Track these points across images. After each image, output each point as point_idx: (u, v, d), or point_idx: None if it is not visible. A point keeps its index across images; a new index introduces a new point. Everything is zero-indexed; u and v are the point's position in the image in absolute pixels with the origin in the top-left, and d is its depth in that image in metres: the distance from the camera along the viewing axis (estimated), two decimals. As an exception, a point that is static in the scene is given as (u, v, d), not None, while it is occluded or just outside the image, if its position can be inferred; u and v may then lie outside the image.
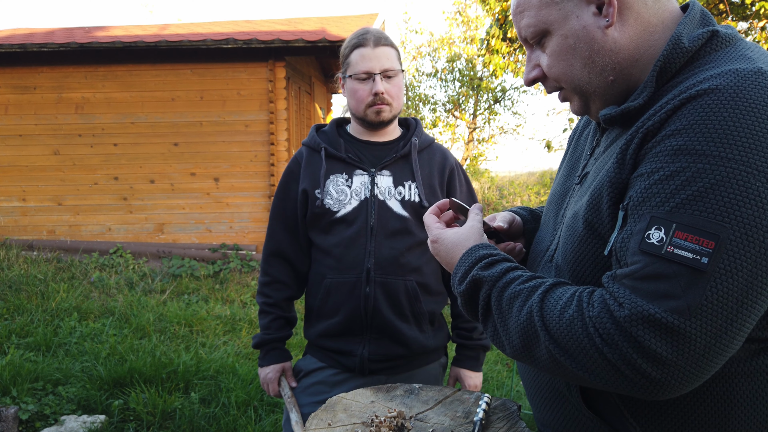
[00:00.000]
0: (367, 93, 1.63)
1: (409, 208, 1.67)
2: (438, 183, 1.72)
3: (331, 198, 1.66)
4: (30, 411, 3.05)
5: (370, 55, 1.63)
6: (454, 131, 15.13)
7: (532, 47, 0.94)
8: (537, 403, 1.03)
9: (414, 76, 15.23)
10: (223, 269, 6.82)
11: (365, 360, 1.64)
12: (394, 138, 1.76)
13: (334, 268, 1.65)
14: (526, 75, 0.96)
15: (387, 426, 1.06)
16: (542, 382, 1.00)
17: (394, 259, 1.63)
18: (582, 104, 0.95)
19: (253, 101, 7.22)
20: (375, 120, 1.66)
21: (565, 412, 0.96)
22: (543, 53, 0.93)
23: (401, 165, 1.70)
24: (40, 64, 7.21)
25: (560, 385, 0.95)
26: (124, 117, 7.28)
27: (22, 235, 7.38)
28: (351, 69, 1.66)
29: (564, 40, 0.89)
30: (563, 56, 0.90)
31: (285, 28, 7.87)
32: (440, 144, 1.82)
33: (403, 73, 1.73)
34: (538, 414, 1.03)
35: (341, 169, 1.69)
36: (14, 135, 7.32)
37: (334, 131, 1.76)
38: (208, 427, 3.01)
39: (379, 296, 1.62)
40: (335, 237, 1.66)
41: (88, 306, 5.08)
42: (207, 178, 7.31)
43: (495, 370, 4.43)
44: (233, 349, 4.21)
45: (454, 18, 14.80)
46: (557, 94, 0.98)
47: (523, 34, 0.93)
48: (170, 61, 7.18)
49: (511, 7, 0.95)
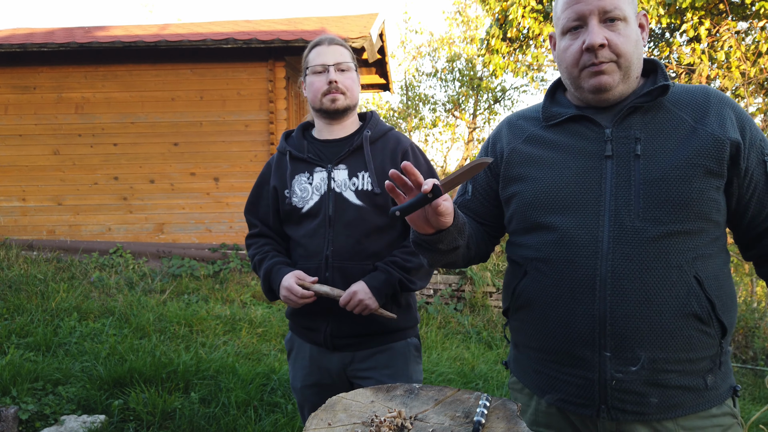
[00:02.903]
0: (323, 83, 1.80)
1: (363, 196, 1.78)
2: (391, 167, 1.79)
3: (296, 196, 1.83)
4: (30, 411, 3.05)
5: (325, 51, 1.83)
6: (454, 131, 15.13)
7: (600, 22, 1.19)
8: (654, 343, 1.16)
9: (414, 76, 15.23)
10: (223, 269, 6.82)
11: (328, 336, 1.79)
12: (352, 132, 1.88)
13: (303, 256, 1.83)
14: (596, 40, 1.17)
15: (387, 426, 1.06)
16: (665, 320, 1.15)
17: (351, 246, 1.77)
18: (618, 79, 1.21)
19: (253, 101, 7.22)
20: (330, 108, 1.80)
21: (691, 335, 1.16)
22: (609, 31, 1.19)
23: (355, 157, 1.82)
24: (40, 64, 7.21)
25: (695, 310, 1.15)
26: (124, 117, 7.28)
27: (22, 235, 7.38)
28: (309, 65, 1.85)
29: (633, 31, 1.21)
30: (630, 41, 1.20)
31: (285, 27, 7.86)
32: (398, 132, 1.93)
33: (357, 74, 1.88)
34: (656, 354, 1.16)
35: (303, 168, 1.85)
36: (14, 135, 7.32)
37: (300, 135, 1.92)
38: (208, 427, 3.01)
39: (337, 280, 1.76)
40: (303, 229, 1.83)
41: (88, 306, 5.08)
42: (207, 178, 7.31)
43: (495, 370, 4.44)
44: (233, 349, 4.21)
45: (454, 18, 14.80)
46: (600, 64, 1.19)
47: (608, 9, 1.18)
48: (170, 61, 7.18)
49: None
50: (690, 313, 1.15)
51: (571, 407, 1.24)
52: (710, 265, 1.19)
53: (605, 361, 1.17)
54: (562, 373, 1.24)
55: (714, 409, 1.20)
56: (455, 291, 6.59)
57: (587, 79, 1.22)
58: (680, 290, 1.15)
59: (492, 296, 6.69)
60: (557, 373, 1.25)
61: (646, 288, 1.15)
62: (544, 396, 1.29)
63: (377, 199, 1.78)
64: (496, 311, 6.49)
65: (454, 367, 4.27)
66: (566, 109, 1.30)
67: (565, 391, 1.24)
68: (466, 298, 6.53)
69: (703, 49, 6.89)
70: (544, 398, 1.29)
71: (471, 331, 5.79)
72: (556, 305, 1.23)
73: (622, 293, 1.16)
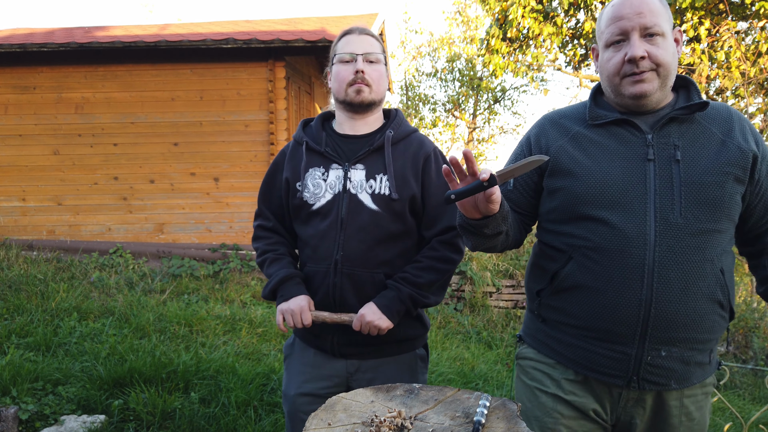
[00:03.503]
0: (349, 72, 1.70)
1: (380, 201, 1.69)
2: (412, 173, 1.72)
3: (308, 191, 1.73)
4: (30, 411, 3.05)
5: (354, 39, 1.73)
6: (454, 131, 15.13)
7: (641, 37, 1.35)
8: (689, 325, 1.33)
9: (414, 76, 15.23)
10: (223, 269, 6.82)
11: (335, 344, 1.73)
12: (374, 129, 1.79)
13: (311, 257, 1.74)
14: (637, 52, 1.34)
15: (387, 426, 1.06)
16: (694, 304, 1.33)
17: (362, 252, 1.67)
18: (656, 86, 1.37)
19: (253, 101, 7.22)
20: (355, 100, 1.71)
21: (712, 317, 1.35)
22: (649, 45, 1.35)
23: (375, 158, 1.72)
24: (40, 64, 7.21)
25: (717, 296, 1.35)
26: (124, 117, 7.28)
27: (22, 235, 7.38)
28: (337, 52, 1.75)
29: (670, 45, 1.38)
30: (668, 53, 1.36)
31: (285, 28, 7.86)
32: (420, 134, 1.82)
33: (387, 68, 1.79)
34: (688, 335, 1.34)
35: (319, 162, 1.74)
36: (14, 135, 7.32)
37: (319, 126, 1.82)
38: (208, 427, 3.01)
39: (346, 286, 1.68)
40: (312, 228, 1.73)
41: (88, 306, 5.08)
42: (207, 178, 7.31)
43: (495, 370, 4.44)
44: (233, 349, 4.20)
45: (454, 18, 14.81)
46: (641, 73, 1.35)
47: (649, 25, 1.34)
48: (170, 61, 7.18)
49: (638, 3, 1.35)
50: (715, 300, 1.35)
51: (603, 377, 1.40)
52: (729, 259, 1.39)
53: (645, 340, 1.34)
54: (601, 348, 1.39)
55: (708, 379, 1.44)
56: (455, 291, 6.59)
57: (628, 86, 1.38)
58: (711, 280, 1.34)
59: (492, 296, 6.69)
60: (597, 347, 1.40)
61: (686, 277, 1.32)
62: (576, 367, 1.45)
63: (394, 205, 1.68)
64: (496, 311, 6.49)
65: (454, 367, 4.27)
66: (611, 112, 1.45)
67: (601, 363, 1.40)
68: (466, 298, 6.53)
69: (703, 49, 6.89)
70: (574, 368, 1.45)
71: (471, 331, 5.79)
72: (606, 289, 1.36)
73: (666, 281, 1.32)
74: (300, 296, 1.69)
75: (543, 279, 1.51)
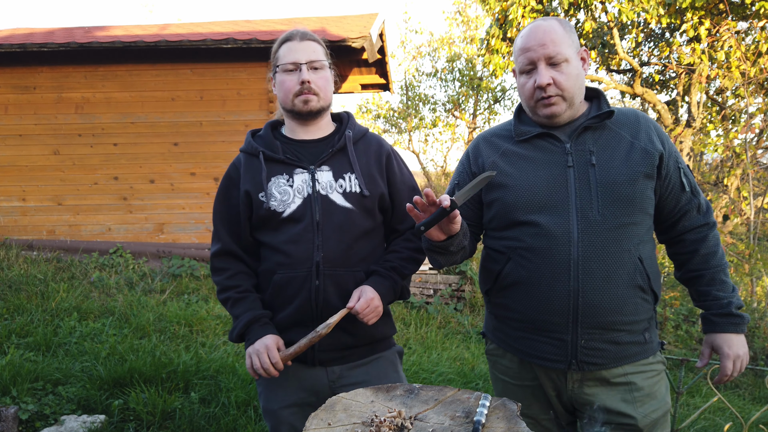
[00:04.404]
0: (294, 83, 1.69)
1: (352, 199, 1.70)
2: (377, 171, 1.75)
3: (275, 200, 1.69)
4: (30, 411, 3.05)
5: (296, 47, 1.70)
6: (454, 131, 15.13)
7: (547, 66, 1.52)
8: (613, 310, 1.49)
9: (414, 76, 15.23)
10: (223, 269, 6.81)
11: (315, 350, 1.68)
12: (327, 134, 1.79)
13: (283, 264, 1.68)
14: (543, 81, 1.51)
15: (387, 426, 1.06)
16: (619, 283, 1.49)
17: (342, 251, 1.67)
18: (564, 108, 1.55)
19: (253, 101, 7.22)
20: (303, 109, 1.71)
21: (635, 298, 1.51)
22: (555, 71, 1.51)
23: (339, 158, 1.74)
24: (40, 64, 7.20)
25: (639, 281, 1.51)
26: (124, 117, 7.28)
27: (22, 235, 7.38)
28: (279, 62, 1.72)
29: (575, 68, 1.54)
30: (571, 78, 1.53)
31: (285, 28, 7.85)
32: (374, 133, 1.86)
33: (332, 71, 1.77)
34: (613, 318, 1.50)
35: (281, 170, 1.72)
36: (14, 135, 7.32)
37: (269, 134, 1.80)
38: (208, 427, 3.01)
39: (329, 288, 1.66)
40: (284, 234, 1.69)
41: (88, 306, 5.08)
42: (207, 178, 7.31)
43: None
44: (233, 349, 4.20)
45: (454, 18, 14.80)
46: (548, 97, 1.53)
47: (552, 55, 1.51)
48: (170, 61, 7.17)
49: (541, 35, 1.51)
50: (636, 285, 1.51)
51: (547, 363, 1.57)
52: (647, 248, 1.56)
53: (577, 327, 1.51)
54: (542, 336, 1.57)
55: (651, 358, 1.59)
56: (455, 291, 6.59)
57: (541, 109, 1.56)
58: (630, 268, 1.50)
59: (492, 296, 6.68)
60: (538, 336, 1.57)
61: (607, 267, 1.49)
62: (523, 356, 1.62)
63: (366, 202, 1.70)
64: (496, 311, 6.48)
65: (454, 367, 4.26)
66: (532, 127, 1.63)
67: (543, 350, 1.57)
68: (466, 298, 6.53)
69: (703, 49, 6.89)
70: (521, 357, 1.63)
71: (471, 331, 5.79)
72: (539, 284, 1.53)
73: (590, 272, 1.49)
74: (267, 336, 1.64)
75: (489, 279, 1.68)
